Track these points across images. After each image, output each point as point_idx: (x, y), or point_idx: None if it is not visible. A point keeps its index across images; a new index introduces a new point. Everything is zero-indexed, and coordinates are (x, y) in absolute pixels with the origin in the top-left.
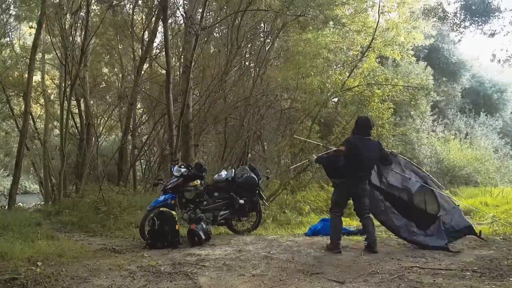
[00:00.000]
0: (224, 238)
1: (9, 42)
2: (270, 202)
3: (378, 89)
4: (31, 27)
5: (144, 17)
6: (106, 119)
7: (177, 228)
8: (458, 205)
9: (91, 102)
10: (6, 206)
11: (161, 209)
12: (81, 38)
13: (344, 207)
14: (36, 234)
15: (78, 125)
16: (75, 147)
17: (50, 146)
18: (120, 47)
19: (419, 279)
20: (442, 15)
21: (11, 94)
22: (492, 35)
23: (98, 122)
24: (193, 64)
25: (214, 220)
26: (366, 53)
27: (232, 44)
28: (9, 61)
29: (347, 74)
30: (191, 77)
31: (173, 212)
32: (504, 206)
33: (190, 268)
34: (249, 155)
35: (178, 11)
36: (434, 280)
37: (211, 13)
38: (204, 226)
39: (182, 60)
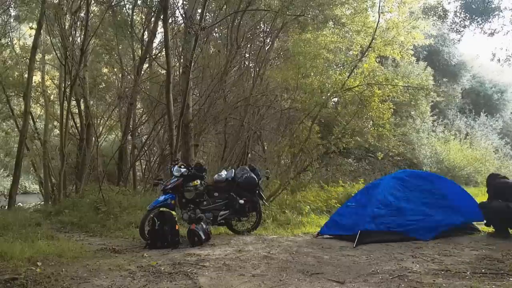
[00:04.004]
0: (224, 238)
1: (9, 43)
2: (270, 202)
3: (379, 89)
4: (31, 28)
5: (143, 17)
6: (106, 119)
7: (177, 228)
8: None
9: (91, 102)
10: (6, 206)
11: (161, 209)
12: (81, 38)
13: None
14: (36, 234)
15: (78, 125)
16: (75, 147)
17: (50, 146)
18: (120, 47)
19: (419, 279)
20: (442, 14)
21: (11, 94)
22: (492, 34)
23: (98, 122)
24: (193, 64)
25: (214, 220)
26: (366, 53)
27: (232, 44)
28: (9, 61)
29: (347, 74)
30: (191, 77)
31: (173, 212)
32: None
33: (190, 268)
34: (249, 155)
35: (177, 11)
36: (434, 280)
37: (210, 13)
38: (204, 226)
39: (182, 60)
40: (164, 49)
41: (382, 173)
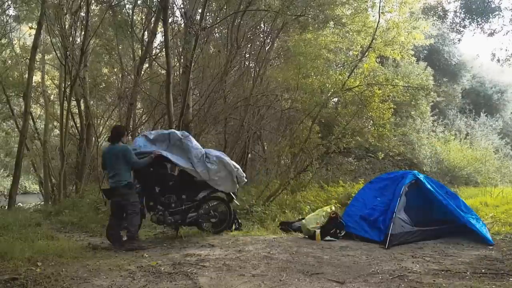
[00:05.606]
0: (224, 238)
1: (9, 43)
2: (270, 202)
3: (379, 89)
4: (31, 28)
5: (144, 17)
6: (106, 119)
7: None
8: None
9: (91, 102)
10: (6, 206)
11: None
12: (81, 38)
13: None
14: (36, 234)
15: (78, 125)
16: (75, 147)
17: (50, 146)
18: (120, 47)
19: (419, 279)
20: (442, 14)
21: (11, 94)
22: (492, 34)
23: (98, 122)
24: (193, 64)
25: (183, 221)
26: (367, 53)
27: (232, 44)
28: (9, 62)
29: (347, 74)
30: (191, 77)
31: None
32: (504, 206)
33: (190, 268)
34: (249, 155)
35: (178, 12)
36: (434, 280)
37: (211, 13)
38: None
39: (182, 60)
40: (164, 49)
41: (382, 173)
